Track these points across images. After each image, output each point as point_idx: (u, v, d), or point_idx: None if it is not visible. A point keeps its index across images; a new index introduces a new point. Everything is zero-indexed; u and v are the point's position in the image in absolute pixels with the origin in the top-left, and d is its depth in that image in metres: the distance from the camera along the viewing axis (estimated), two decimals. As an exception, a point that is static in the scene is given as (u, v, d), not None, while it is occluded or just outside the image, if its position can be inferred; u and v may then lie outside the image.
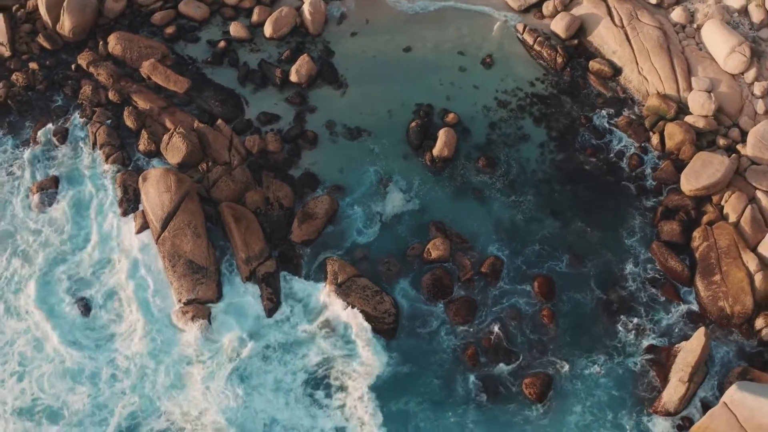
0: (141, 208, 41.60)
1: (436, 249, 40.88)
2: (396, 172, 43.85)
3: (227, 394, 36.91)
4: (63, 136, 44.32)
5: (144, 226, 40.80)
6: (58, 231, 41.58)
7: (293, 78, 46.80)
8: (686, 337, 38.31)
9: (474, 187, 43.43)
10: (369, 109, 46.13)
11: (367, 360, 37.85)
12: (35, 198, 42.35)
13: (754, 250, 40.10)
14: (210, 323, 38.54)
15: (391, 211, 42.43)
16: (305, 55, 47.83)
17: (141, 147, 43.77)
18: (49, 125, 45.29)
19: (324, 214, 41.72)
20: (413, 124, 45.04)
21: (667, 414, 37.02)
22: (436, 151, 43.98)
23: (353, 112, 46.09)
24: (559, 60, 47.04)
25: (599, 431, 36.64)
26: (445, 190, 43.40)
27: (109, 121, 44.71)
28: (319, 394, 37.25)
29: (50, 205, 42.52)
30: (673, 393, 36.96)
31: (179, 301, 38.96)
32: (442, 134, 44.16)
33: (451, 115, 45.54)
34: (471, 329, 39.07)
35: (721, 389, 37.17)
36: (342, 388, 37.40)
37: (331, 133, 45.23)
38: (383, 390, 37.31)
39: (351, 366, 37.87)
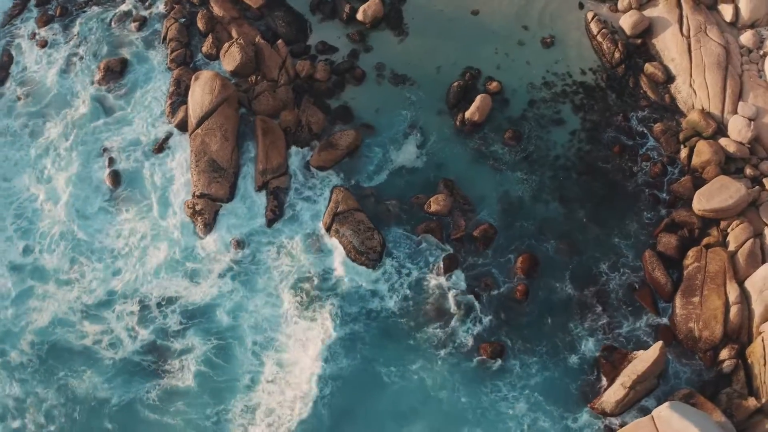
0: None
1: (437, 203, 43.18)
2: (425, 125, 46.09)
3: (217, 283, 41.43)
4: (141, 23, 49.12)
5: (183, 120, 45.20)
6: (109, 106, 46.77)
7: (359, 16, 49.33)
8: (646, 347, 39.33)
9: (494, 156, 45.14)
10: (420, 61, 48.21)
11: (342, 282, 41.27)
12: (100, 73, 47.54)
13: (740, 282, 40.21)
14: (215, 220, 42.85)
15: (401, 162, 44.88)
16: (378, -4, 50.73)
17: (204, 49, 47.94)
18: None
19: (346, 147, 44.71)
20: (456, 84, 46.88)
21: (602, 413, 38.45)
22: (468, 114, 45.77)
23: (405, 60, 48.33)
24: (617, 55, 47.21)
25: (534, 412, 38.37)
26: (465, 152, 45.35)
27: (183, 20, 48.98)
28: (295, 300, 40.88)
29: (111, 82, 47.54)
30: (612, 395, 38.31)
31: (193, 193, 43.25)
32: (478, 99, 45.90)
33: (494, 84, 46.99)
34: (445, 283, 41.37)
35: (663, 404, 38.50)
36: (315, 300, 40.86)
37: (378, 75, 47.79)
38: (347, 310, 40.58)
39: (328, 283, 41.32)
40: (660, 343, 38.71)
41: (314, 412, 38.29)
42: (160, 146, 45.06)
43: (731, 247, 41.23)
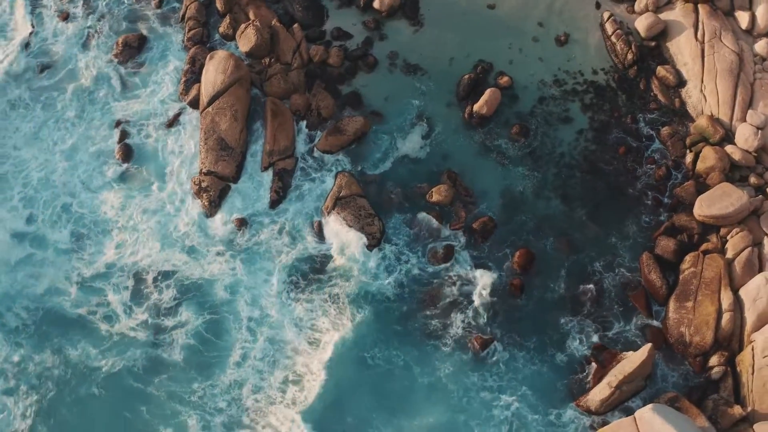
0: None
1: (438, 193, 43.71)
2: (433, 115, 46.54)
3: (216, 260, 42.31)
4: (161, 1, 49.94)
5: (196, 98, 46.01)
6: (124, 81, 47.79)
7: (376, 4, 49.79)
8: (636, 348, 39.49)
9: (499, 150, 45.44)
10: (433, 52, 48.60)
11: (339, 265, 42.06)
12: (117, 48, 48.51)
13: (735, 290, 40.26)
14: (220, 198, 43.59)
15: (406, 150, 45.39)
16: (395, -14, 51.04)
17: (221, 29, 48.71)
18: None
19: (353, 133, 45.27)
20: (467, 76, 47.20)
21: (587, 411, 38.83)
22: (476, 107, 46.11)
23: (418, 50, 48.72)
24: (630, 57, 47.20)
25: (519, 403, 38.81)
26: (471, 145, 45.72)
27: (202, -1, 50.11)
28: (291, 280, 41.69)
29: (128, 58, 48.43)
30: (598, 393, 38.70)
31: (201, 170, 44.12)
32: (487, 93, 46.22)
33: (505, 78, 47.25)
34: (442, 272, 41.98)
35: (648, 406, 38.81)
36: (312, 282, 41.67)
37: (390, 64, 48.25)
38: (342, 293, 41.27)
39: (325, 266, 42.13)
40: (649, 345, 38.93)
41: (301, 391, 39.06)
42: (172, 122, 45.94)
43: (729, 255, 41.25)
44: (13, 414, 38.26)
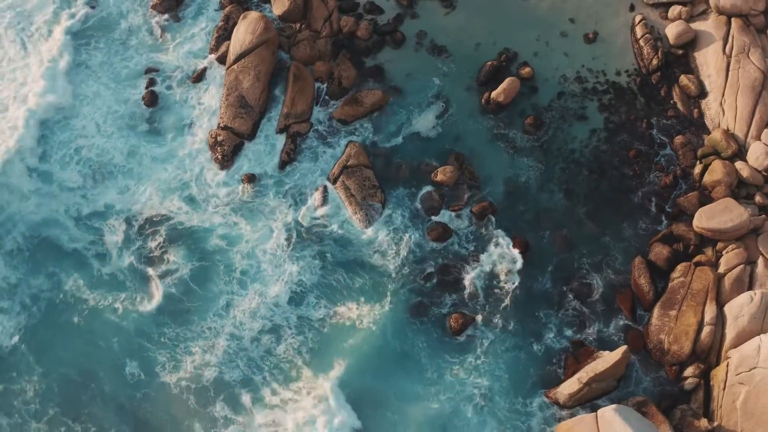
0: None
1: (443, 173, 44.65)
2: (451, 97, 47.33)
3: (219, 212, 44.08)
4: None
5: (224, 55, 47.55)
6: (159, 32, 49.58)
7: (413, -18, 51.07)
8: (613, 349, 39.93)
9: (510, 138, 46.09)
10: (461, 36, 49.25)
11: (336, 231, 43.50)
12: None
13: (721, 306, 40.34)
14: (233, 154, 45.25)
15: (419, 128, 46.31)
16: (432, -34, 51.50)
17: (258, -8, 50.38)
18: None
19: (370, 105, 46.39)
20: (489, 63, 47.82)
21: (555, 402, 39.80)
22: (494, 94, 46.72)
23: (447, 31, 49.47)
24: (655, 62, 47.16)
25: (490, 383, 39.98)
26: (483, 131, 46.42)
27: (241, -37, 51.57)
28: (286, 239, 43.21)
29: (166, 10, 50.16)
30: (567, 387, 39.55)
31: (218, 125, 45.79)
32: (506, 81, 46.81)
33: (527, 69, 47.73)
34: (436, 250, 43.00)
35: (617, 407, 39.38)
36: (309, 244, 43.18)
37: (417, 42, 49.09)
38: (333, 258, 42.84)
39: (323, 230, 43.56)
40: (625, 347, 39.49)
41: (276, 342, 40.85)
42: (198, 77, 47.64)
43: (721, 269, 41.38)
44: (4, 330, 40.95)
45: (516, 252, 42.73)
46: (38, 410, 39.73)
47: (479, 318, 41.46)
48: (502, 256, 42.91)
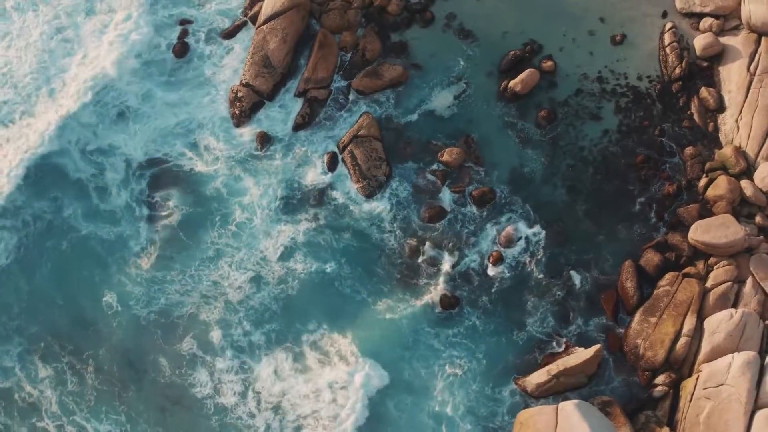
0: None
1: (450, 154, 45.55)
2: (471, 80, 47.99)
3: (226, 164, 45.84)
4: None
5: (256, 15, 48.91)
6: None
7: (450, -35, 51.37)
8: (589, 346, 40.77)
9: (520, 129, 46.63)
10: (489, 22, 49.61)
11: (336, 198, 44.94)
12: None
13: (701, 319, 40.59)
14: (250, 111, 46.70)
15: (434, 107, 47.16)
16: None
17: (298, -43, 51.44)
18: None
19: (389, 80, 47.39)
20: (513, 52, 48.25)
21: (524, 390, 40.80)
22: (512, 83, 47.22)
23: (476, 17, 49.91)
24: (678, 71, 46.94)
25: (462, 361, 41.16)
26: (496, 118, 47.01)
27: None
28: (284, 200, 44.87)
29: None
30: (536, 377, 40.58)
31: (241, 81, 47.29)
32: (526, 72, 47.23)
33: (549, 63, 48.01)
34: (431, 229, 44.03)
35: (584, 402, 40.14)
36: (307, 208, 44.73)
37: (446, 24, 49.71)
38: (329, 224, 44.37)
39: (323, 196, 45.03)
40: (598, 346, 40.39)
41: (259, 296, 42.74)
42: (230, 33, 49.28)
43: (708, 284, 41.55)
44: (6, 247, 43.81)
45: (510, 239, 43.63)
46: (21, 326, 42.57)
47: (465, 298, 42.46)
48: (496, 241, 43.98)
